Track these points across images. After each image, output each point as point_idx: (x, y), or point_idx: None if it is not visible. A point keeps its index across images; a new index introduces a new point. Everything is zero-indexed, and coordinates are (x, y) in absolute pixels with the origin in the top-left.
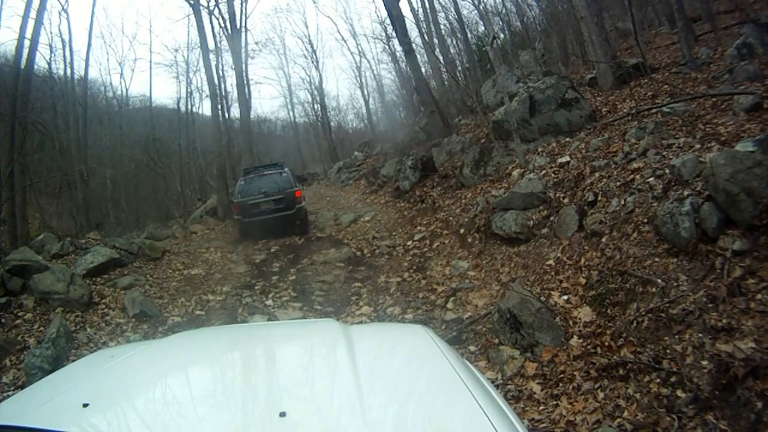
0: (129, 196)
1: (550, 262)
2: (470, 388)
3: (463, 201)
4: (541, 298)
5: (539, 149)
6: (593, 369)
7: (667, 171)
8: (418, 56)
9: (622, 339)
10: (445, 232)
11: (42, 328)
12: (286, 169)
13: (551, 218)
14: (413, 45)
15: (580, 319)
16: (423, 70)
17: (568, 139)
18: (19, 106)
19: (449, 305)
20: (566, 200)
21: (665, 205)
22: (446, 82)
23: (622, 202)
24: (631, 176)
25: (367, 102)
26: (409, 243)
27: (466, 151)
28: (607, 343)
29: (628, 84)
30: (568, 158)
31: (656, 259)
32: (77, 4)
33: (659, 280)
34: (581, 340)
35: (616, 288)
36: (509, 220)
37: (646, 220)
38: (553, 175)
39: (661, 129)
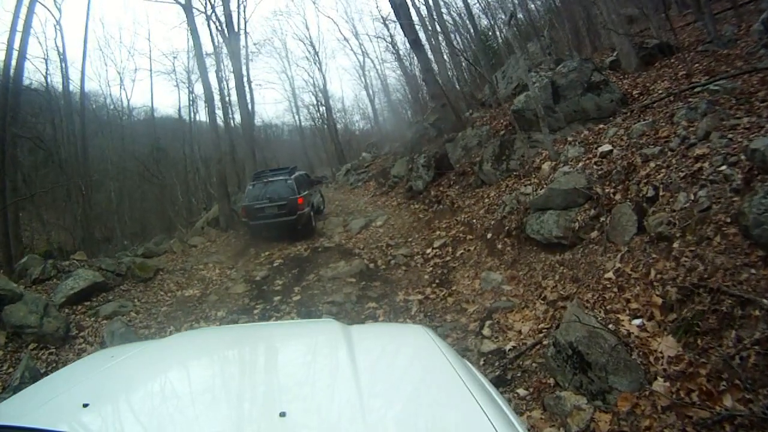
0: (135, 209)
1: (609, 274)
2: (470, 388)
3: (486, 201)
4: (610, 325)
5: (569, 138)
6: (690, 424)
7: (743, 157)
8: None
9: (723, 381)
10: (469, 237)
11: (11, 369)
12: (291, 177)
13: (601, 219)
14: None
15: (662, 353)
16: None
17: (601, 125)
18: (8, 120)
19: (485, 331)
20: (618, 196)
21: (756, 201)
22: (452, 77)
23: (692, 197)
24: (697, 165)
25: (372, 102)
26: (429, 251)
27: (484, 145)
28: (703, 388)
29: (653, 65)
30: (609, 147)
31: (753, 271)
32: (74, 17)
33: (765, 300)
34: (668, 383)
35: (705, 310)
36: (549, 222)
37: (729, 220)
38: (595, 167)
39: (715, 109)
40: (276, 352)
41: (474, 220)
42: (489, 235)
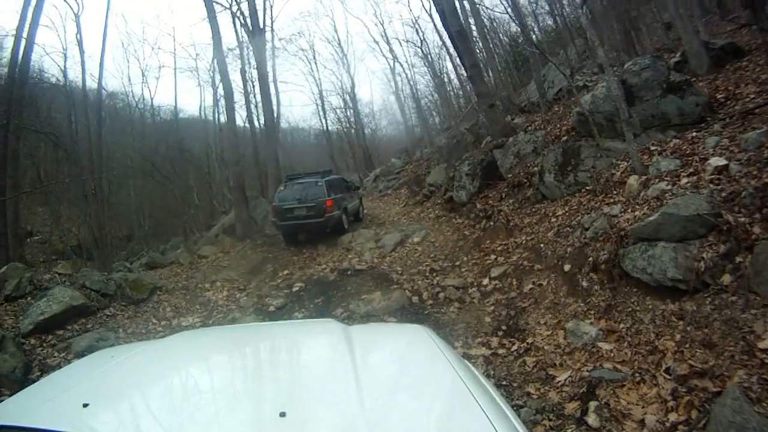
0: (155, 209)
1: (765, 344)
2: (470, 388)
3: (553, 220)
4: None
5: (652, 148)
6: None
7: None
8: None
9: None
10: (537, 266)
11: None
12: (322, 180)
13: (737, 258)
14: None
15: None
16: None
17: (694, 133)
18: (13, 113)
19: (591, 419)
20: (757, 228)
21: None
22: (490, 80)
23: None
24: None
25: (402, 107)
26: (486, 282)
27: (541, 153)
28: None
29: (724, 67)
30: (724, 160)
31: None
32: (96, 11)
33: None
34: None
35: None
36: (663, 258)
37: None
38: (712, 186)
39: None
40: (276, 352)
41: (541, 245)
42: (567, 268)
